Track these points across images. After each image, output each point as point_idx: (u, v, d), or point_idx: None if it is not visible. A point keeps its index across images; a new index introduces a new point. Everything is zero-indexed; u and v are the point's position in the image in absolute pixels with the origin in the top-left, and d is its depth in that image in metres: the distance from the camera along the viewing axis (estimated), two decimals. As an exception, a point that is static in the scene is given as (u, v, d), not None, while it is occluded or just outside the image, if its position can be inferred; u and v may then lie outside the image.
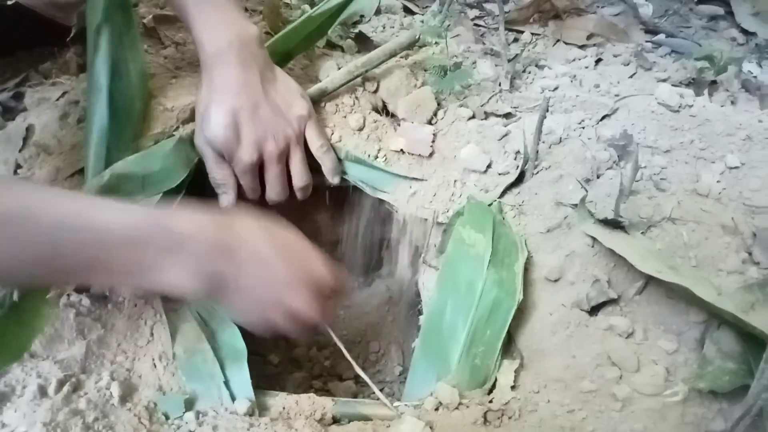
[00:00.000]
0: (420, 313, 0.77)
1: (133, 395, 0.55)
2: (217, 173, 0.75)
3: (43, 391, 0.53)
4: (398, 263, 0.89)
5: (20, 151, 0.74)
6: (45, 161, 0.71)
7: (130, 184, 0.69)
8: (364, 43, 0.96)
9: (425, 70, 0.90)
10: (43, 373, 0.54)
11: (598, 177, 0.76)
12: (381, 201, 0.84)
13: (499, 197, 0.78)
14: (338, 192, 0.88)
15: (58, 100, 0.83)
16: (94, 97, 0.73)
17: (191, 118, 0.76)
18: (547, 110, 0.74)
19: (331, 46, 0.98)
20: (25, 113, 0.86)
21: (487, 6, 1.28)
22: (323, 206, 1.01)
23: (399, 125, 0.84)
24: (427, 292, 0.81)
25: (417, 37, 0.87)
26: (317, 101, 0.83)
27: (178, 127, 0.75)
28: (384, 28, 1.06)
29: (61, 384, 0.53)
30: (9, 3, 0.96)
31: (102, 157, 0.70)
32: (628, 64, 1.09)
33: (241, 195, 0.77)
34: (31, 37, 0.97)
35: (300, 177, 0.78)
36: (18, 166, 0.72)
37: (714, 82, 1.01)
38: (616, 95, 0.96)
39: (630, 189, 0.70)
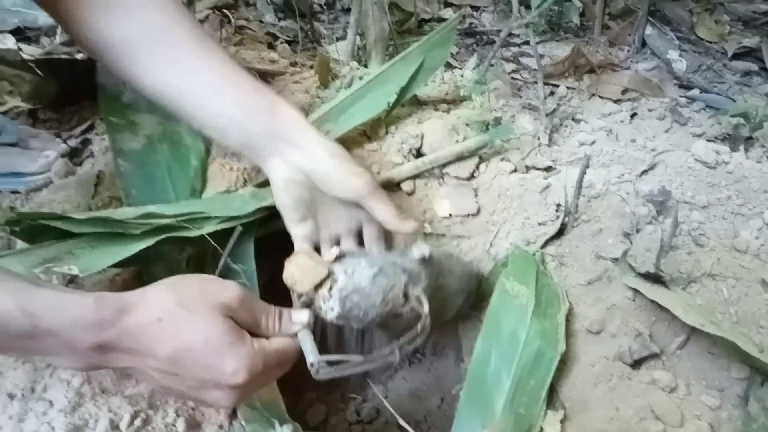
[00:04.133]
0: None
1: (196, 432, 0.58)
2: None
3: (114, 425, 0.56)
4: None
5: (93, 197, 0.79)
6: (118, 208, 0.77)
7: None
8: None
9: (467, 125, 0.95)
10: (114, 408, 0.58)
11: (637, 231, 0.78)
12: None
13: (541, 248, 0.81)
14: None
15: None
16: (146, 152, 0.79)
17: (255, 178, 0.81)
18: (588, 167, 0.78)
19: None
20: (93, 159, 0.92)
21: (523, 60, 1.33)
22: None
23: (443, 180, 0.87)
24: (467, 339, 0.83)
25: (486, 143, 0.89)
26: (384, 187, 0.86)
27: (240, 186, 0.80)
28: (426, 83, 1.11)
29: (132, 418, 0.56)
30: (79, 57, 1.04)
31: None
32: (663, 119, 1.12)
33: None
34: (97, 87, 1.04)
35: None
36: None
37: (750, 137, 1.04)
38: (653, 150, 0.99)
39: (669, 245, 0.72)
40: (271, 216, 0.79)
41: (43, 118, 1.05)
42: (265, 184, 0.78)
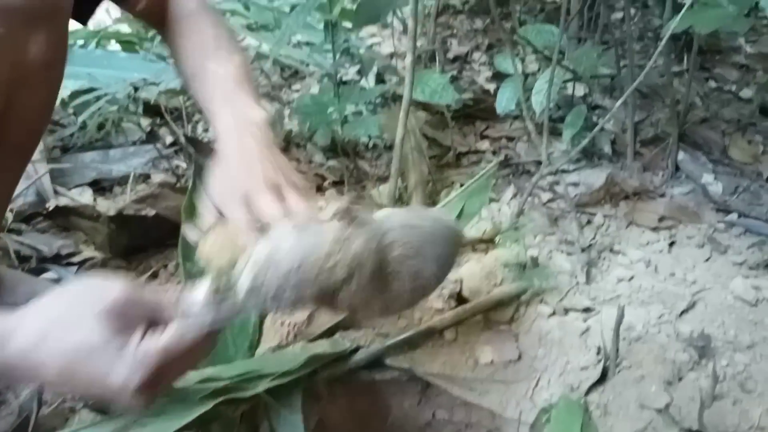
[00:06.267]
0: None
1: None
2: None
3: None
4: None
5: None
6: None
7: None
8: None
9: (505, 266, 0.99)
10: None
11: (680, 380, 0.79)
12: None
13: (585, 394, 0.81)
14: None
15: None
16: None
17: (305, 332, 0.86)
18: (623, 317, 0.80)
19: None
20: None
21: (558, 189, 1.38)
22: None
23: (483, 324, 0.90)
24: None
25: (525, 289, 0.94)
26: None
27: (291, 340, 0.86)
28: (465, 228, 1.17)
29: None
30: (150, 214, 1.15)
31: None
32: (702, 246, 1.13)
33: None
34: (164, 237, 1.14)
35: None
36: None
37: (792, 266, 1.03)
38: (693, 282, 1.00)
39: (712, 398, 0.72)
40: (321, 366, 0.83)
41: (114, 266, 1.15)
42: (316, 338, 0.84)
